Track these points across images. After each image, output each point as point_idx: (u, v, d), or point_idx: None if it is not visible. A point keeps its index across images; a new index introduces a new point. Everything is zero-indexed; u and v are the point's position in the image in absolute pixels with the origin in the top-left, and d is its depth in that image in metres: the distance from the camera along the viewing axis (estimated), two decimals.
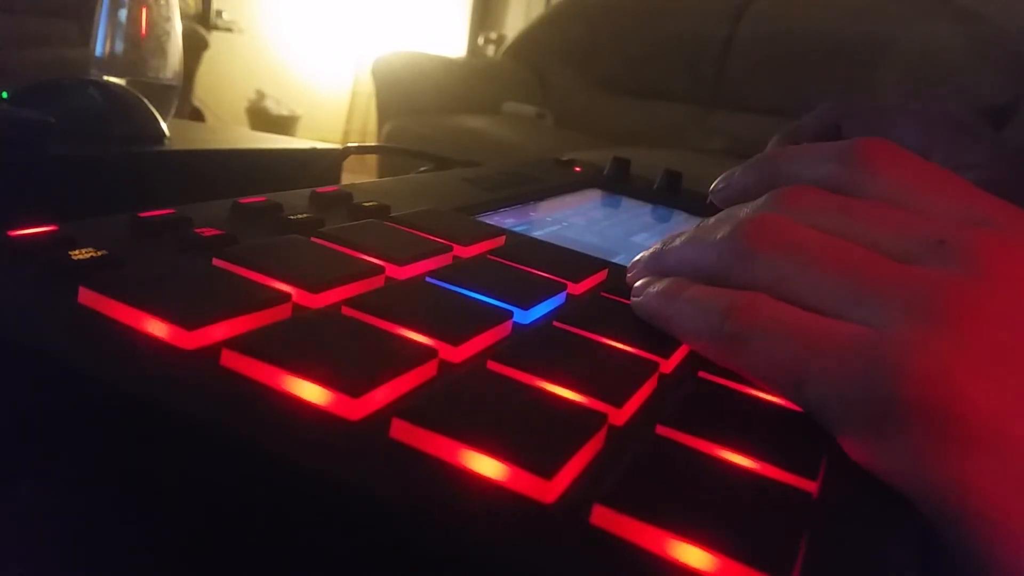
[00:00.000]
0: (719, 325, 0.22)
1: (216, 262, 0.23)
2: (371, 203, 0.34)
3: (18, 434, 0.18)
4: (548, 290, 0.27)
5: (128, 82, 0.56)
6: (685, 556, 0.14)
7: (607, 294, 0.28)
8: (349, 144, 0.62)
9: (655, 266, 0.27)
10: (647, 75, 2.12)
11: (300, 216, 0.30)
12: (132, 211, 0.27)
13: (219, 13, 2.61)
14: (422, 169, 0.63)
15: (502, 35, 3.26)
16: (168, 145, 0.47)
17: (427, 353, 0.20)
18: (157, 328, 0.19)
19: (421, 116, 1.96)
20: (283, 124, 2.85)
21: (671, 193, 0.55)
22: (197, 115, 1.95)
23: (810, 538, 0.16)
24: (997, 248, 0.21)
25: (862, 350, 0.19)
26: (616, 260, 0.35)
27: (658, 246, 0.28)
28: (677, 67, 2.07)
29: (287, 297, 0.21)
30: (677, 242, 0.26)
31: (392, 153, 1.51)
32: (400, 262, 0.27)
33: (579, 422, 0.18)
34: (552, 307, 0.27)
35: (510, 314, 0.24)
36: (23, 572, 0.18)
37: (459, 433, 0.16)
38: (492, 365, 0.20)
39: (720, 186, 0.30)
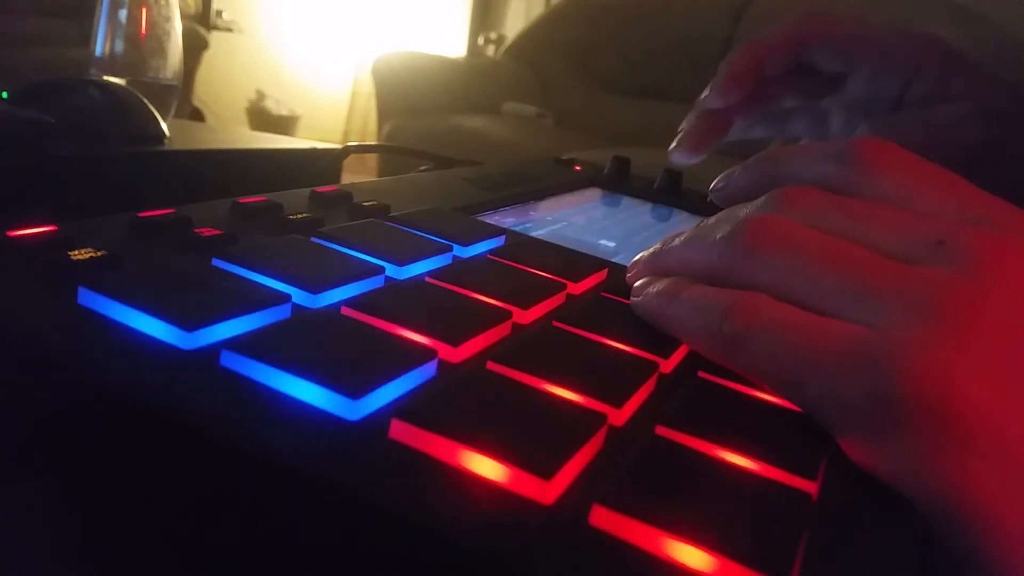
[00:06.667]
0: (719, 325, 0.22)
1: (216, 262, 0.23)
2: (371, 203, 0.34)
3: (17, 435, 0.18)
4: (548, 290, 0.27)
5: (128, 82, 0.56)
6: (684, 557, 0.14)
7: (607, 294, 0.28)
8: (349, 143, 0.62)
9: (655, 266, 0.27)
10: (647, 75, 2.12)
11: (300, 216, 0.30)
12: (132, 211, 0.27)
13: (219, 13, 2.61)
14: (422, 168, 0.63)
15: (502, 35, 3.26)
16: (168, 145, 0.47)
17: (427, 354, 0.20)
18: (156, 329, 0.19)
19: (421, 116, 1.95)
20: (283, 124, 2.85)
21: (671, 192, 0.55)
22: (197, 115, 1.95)
23: (809, 538, 0.16)
24: (997, 248, 0.21)
25: (861, 350, 0.19)
26: (616, 260, 0.35)
27: (658, 246, 0.28)
28: (677, 67, 2.07)
29: (287, 297, 0.21)
30: (677, 242, 0.26)
31: (392, 153, 1.50)
32: (400, 262, 0.27)
33: (579, 422, 0.18)
34: (551, 307, 0.27)
35: (510, 314, 0.24)
36: (23, 572, 0.18)
37: (458, 434, 0.16)
38: (492, 366, 0.20)
39: (720, 185, 0.30)
